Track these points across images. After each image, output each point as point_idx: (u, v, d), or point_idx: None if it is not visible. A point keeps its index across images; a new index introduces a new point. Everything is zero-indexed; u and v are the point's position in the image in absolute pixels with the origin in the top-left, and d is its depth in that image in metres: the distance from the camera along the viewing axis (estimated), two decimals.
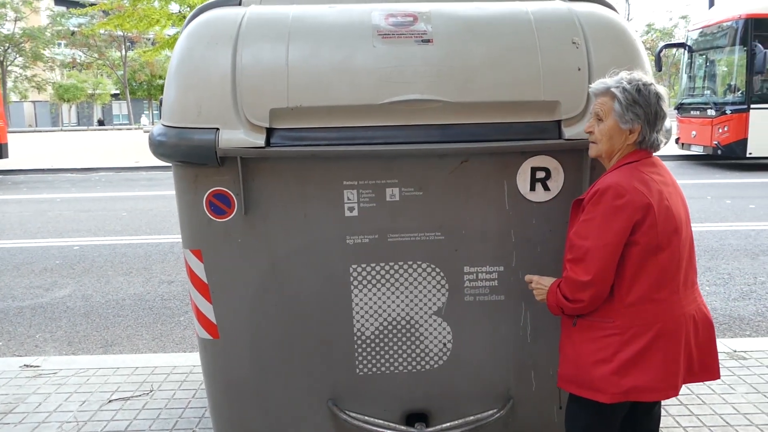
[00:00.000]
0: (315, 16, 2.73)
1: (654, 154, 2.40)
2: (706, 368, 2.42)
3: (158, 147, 2.65)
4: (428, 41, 2.65)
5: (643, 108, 2.27)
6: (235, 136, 2.56)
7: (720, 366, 3.97)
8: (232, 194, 2.67)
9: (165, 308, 6.02)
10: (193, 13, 2.96)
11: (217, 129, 2.57)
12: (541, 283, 2.48)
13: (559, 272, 2.42)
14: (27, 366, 4.47)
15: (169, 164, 2.73)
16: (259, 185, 2.67)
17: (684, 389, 3.77)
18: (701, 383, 3.83)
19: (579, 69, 2.63)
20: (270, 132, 2.57)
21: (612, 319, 2.27)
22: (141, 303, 6.17)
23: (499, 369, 2.90)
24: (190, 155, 2.60)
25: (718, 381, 3.89)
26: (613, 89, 2.29)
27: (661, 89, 2.32)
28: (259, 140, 2.55)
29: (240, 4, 2.94)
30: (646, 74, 2.59)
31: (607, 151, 2.36)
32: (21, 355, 5.00)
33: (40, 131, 48.81)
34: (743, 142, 15.11)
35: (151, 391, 4.03)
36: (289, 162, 2.65)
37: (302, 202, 2.69)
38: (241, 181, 2.62)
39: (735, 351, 4.36)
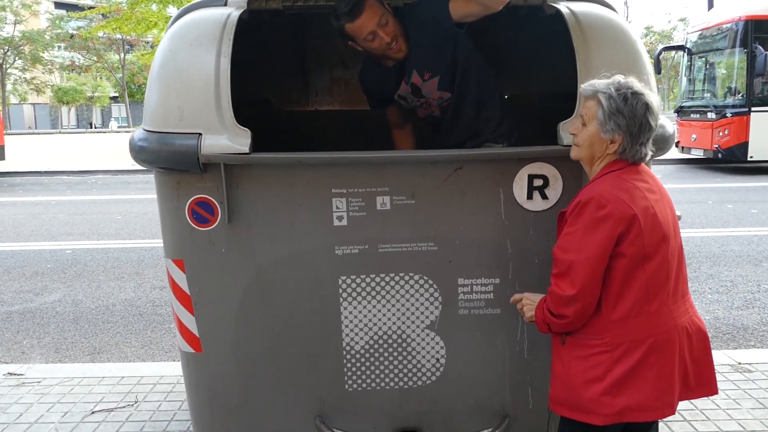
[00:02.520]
0: None
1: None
2: (703, 383, 2.31)
3: (139, 152, 2.56)
4: None
5: (626, 118, 2.15)
6: (219, 142, 2.46)
7: (724, 379, 3.91)
8: (215, 202, 2.57)
9: (155, 315, 5.90)
10: (177, 14, 2.87)
11: (200, 134, 2.47)
12: (531, 299, 2.37)
13: None
14: (10, 374, 4.36)
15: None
16: (243, 193, 2.56)
17: (687, 404, 3.65)
18: (705, 398, 3.71)
19: None
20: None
21: (600, 335, 2.17)
22: (131, 309, 6.06)
23: (495, 386, 2.80)
24: (171, 161, 2.51)
25: (722, 395, 3.77)
26: (599, 94, 2.18)
27: (653, 100, 2.19)
28: (244, 146, 2.45)
29: (226, 5, 2.82)
30: (646, 79, 2.48)
31: (586, 158, 2.27)
32: (6, 362, 4.90)
33: (39, 133, 48.80)
34: (744, 146, 15.03)
35: (135, 402, 3.91)
36: (274, 169, 2.55)
37: (289, 210, 2.59)
38: (224, 188, 2.52)
39: (739, 363, 4.24)
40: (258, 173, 2.55)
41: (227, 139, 2.46)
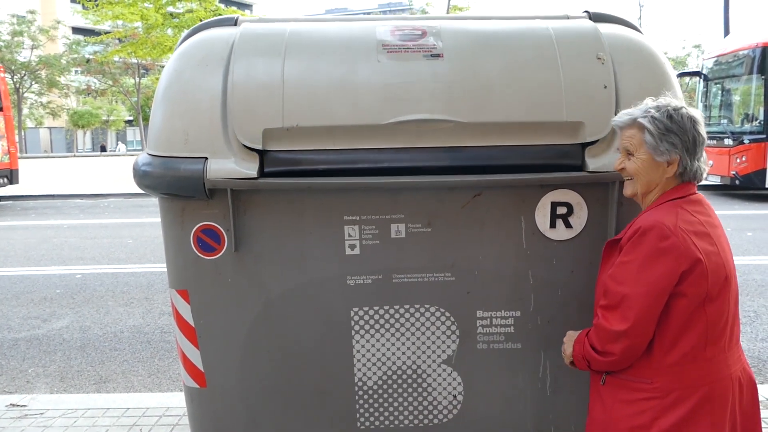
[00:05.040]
0: (315, 30, 2.53)
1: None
2: None
3: (143, 177, 2.47)
4: (438, 56, 2.44)
5: (678, 135, 2.02)
6: (225, 167, 2.35)
7: None
8: (221, 229, 2.46)
9: (164, 342, 5.79)
10: (186, 34, 2.78)
11: (206, 158, 2.38)
12: (570, 335, 2.21)
13: (583, 319, 2.16)
14: (13, 405, 4.24)
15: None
16: (251, 220, 2.46)
17: None
18: None
19: (605, 87, 2.40)
20: (263, 156, 2.36)
21: (650, 379, 2.00)
22: (139, 336, 5.95)
23: (516, 425, 2.66)
24: (176, 187, 2.41)
25: None
26: (640, 119, 2.05)
27: (695, 112, 2.08)
28: (251, 171, 2.34)
29: (236, 24, 2.73)
30: (675, 99, 2.35)
31: (643, 188, 2.10)
32: (10, 392, 4.78)
33: (54, 157, 49.19)
34: (762, 173, 14.83)
35: None
36: (284, 195, 2.45)
37: (298, 238, 2.48)
38: (231, 215, 2.42)
39: None
40: (266, 199, 2.45)
41: (234, 163, 2.36)
